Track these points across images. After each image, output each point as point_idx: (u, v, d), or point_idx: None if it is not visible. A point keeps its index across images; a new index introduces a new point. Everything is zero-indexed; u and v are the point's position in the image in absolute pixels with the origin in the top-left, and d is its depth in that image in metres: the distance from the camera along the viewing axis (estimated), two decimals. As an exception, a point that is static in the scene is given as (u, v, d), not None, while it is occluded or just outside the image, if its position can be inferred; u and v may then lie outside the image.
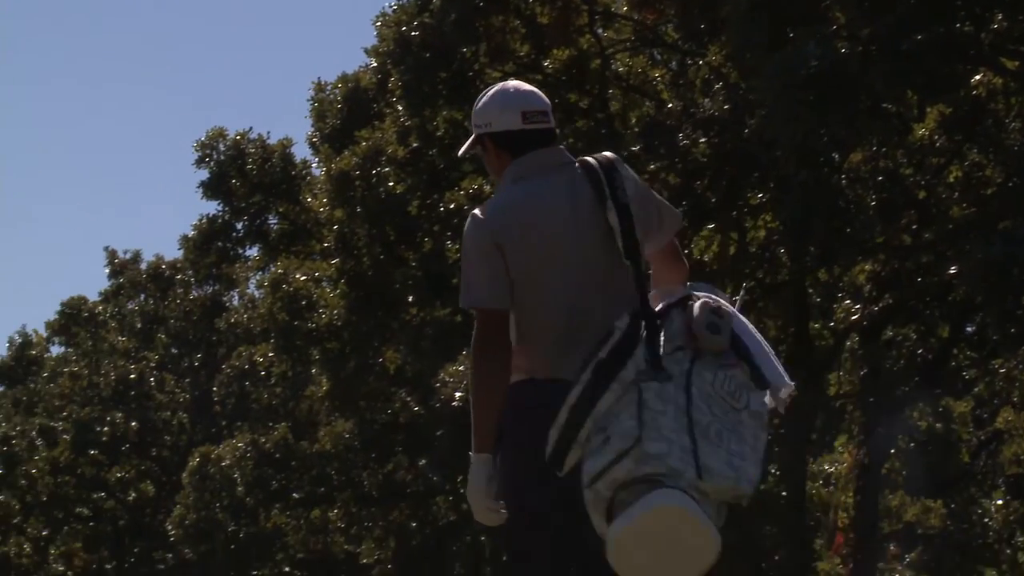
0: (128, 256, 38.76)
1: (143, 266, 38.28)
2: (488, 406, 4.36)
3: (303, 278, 26.15)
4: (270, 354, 28.97)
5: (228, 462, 29.72)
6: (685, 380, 4.11)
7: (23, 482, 37.60)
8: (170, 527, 31.22)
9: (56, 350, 41.09)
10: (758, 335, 4.32)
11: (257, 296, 32.89)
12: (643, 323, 4.19)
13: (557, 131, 4.70)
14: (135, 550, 35.84)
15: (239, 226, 30.09)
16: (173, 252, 36.72)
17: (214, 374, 34.74)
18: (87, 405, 36.03)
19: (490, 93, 4.65)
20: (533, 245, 4.41)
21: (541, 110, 4.64)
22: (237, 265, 33.47)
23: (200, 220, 30.94)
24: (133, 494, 36.36)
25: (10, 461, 38.33)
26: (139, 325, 37.54)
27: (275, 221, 29.62)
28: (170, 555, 33.94)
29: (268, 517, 30.26)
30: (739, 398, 4.14)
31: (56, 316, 38.92)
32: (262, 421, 31.50)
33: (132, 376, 35.40)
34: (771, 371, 4.24)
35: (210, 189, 29.45)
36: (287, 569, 30.10)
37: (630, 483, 3.96)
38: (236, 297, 36.60)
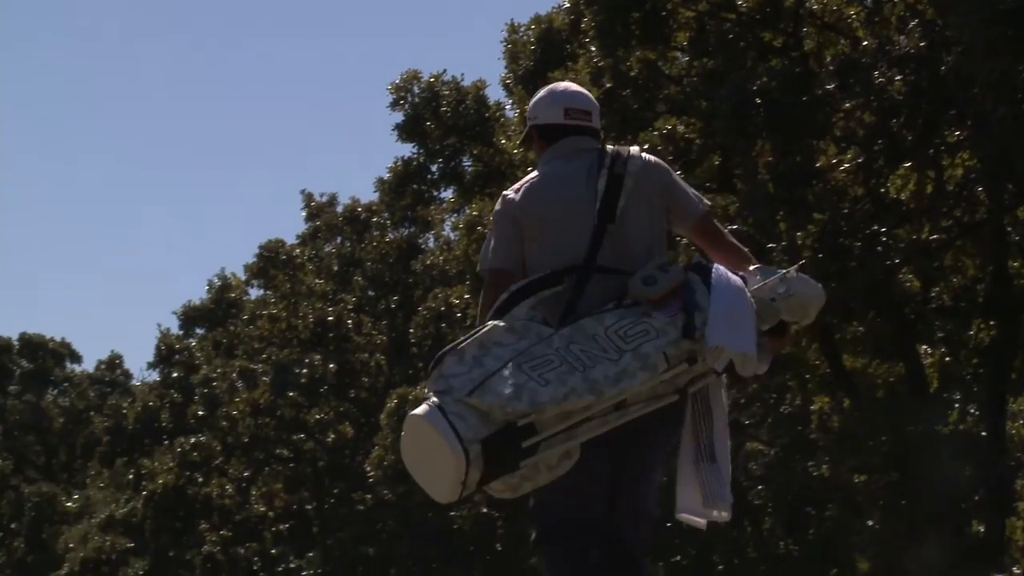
0: (324, 199, 39.71)
1: (339, 209, 39.15)
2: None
3: (496, 219, 27.05)
4: (466, 296, 29.62)
5: (423, 403, 30.79)
6: (568, 325, 4.92)
7: (224, 424, 39.11)
8: (369, 468, 32.01)
9: (255, 292, 42.41)
10: (739, 305, 4.98)
11: (452, 238, 33.45)
12: (575, 276, 5.01)
13: (599, 130, 5.36)
14: (334, 491, 36.89)
15: (434, 168, 30.96)
16: (369, 195, 37.92)
17: (410, 316, 35.42)
18: (286, 347, 37.19)
19: (543, 91, 5.37)
20: (541, 218, 5.14)
21: (584, 109, 5.30)
22: (432, 207, 34.33)
23: (395, 162, 31.95)
24: (332, 435, 37.44)
25: (211, 403, 39.97)
26: (336, 267, 38.36)
27: (469, 163, 30.41)
28: (369, 496, 34.74)
29: (464, 458, 31.25)
30: (630, 342, 4.84)
31: (255, 259, 40.08)
32: (457, 363, 32.29)
33: (330, 318, 36.34)
34: (717, 329, 4.88)
35: (405, 132, 30.38)
36: (484, 510, 30.97)
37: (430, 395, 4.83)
38: (431, 239, 37.16)
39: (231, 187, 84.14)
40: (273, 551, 38.92)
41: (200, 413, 40.37)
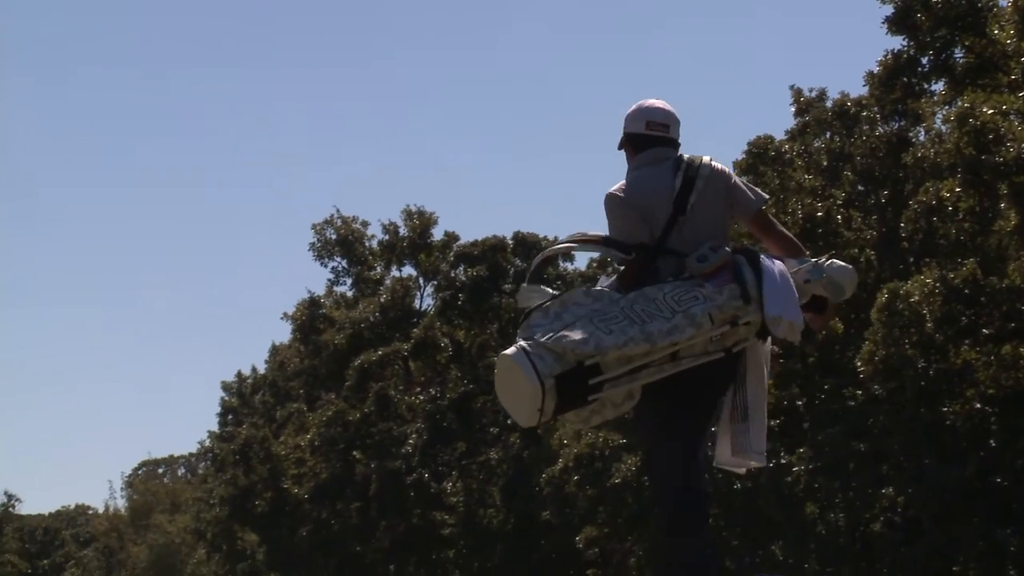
0: (813, 94, 40.32)
1: (828, 104, 39.72)
2: None
3: (990, 112, 27.78)
4: (957, 189, 30.38)
5: (916, 298, 31.05)
6: (634, 292, 6.68)
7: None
8: (859, 363, 33.00)
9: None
10: (789, 288, 6.73)
11: (943, 131, 33.75)
12: (646, 253, 6.87)
13: (677, 140, 7.22)
14: (824, 387, 37.66)
15: (924, 61, 32.09)
16: (858, 89, 38.88)
17: (900, 210, 36.01)
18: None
19: (633, 106, 7.29)
20: (636, 214, 6.99)
21: (663, 123, 7.21)
22: (923, 100, 34.99)
23: (885, 56, 33.42)
24: (823, 333, 38.72)
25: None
26: (825, 163, 39.10)
27: (961, 55, 31.28)
28: (859, 391, 35.49)
29: (957, 353, 31.34)
30: (683, 305, 6.60)
31: (743, 156, 41.49)
32: (949, 256, 32.34)
33: (819, 214, 37.07)
34: (772, 302, 6.64)
35: (895, 24, 31.72)
36: (977, 405, 31.58)
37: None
38: (922, 132, 37.28)
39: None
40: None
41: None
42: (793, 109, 40.89)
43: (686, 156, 7.13)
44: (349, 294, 65.03)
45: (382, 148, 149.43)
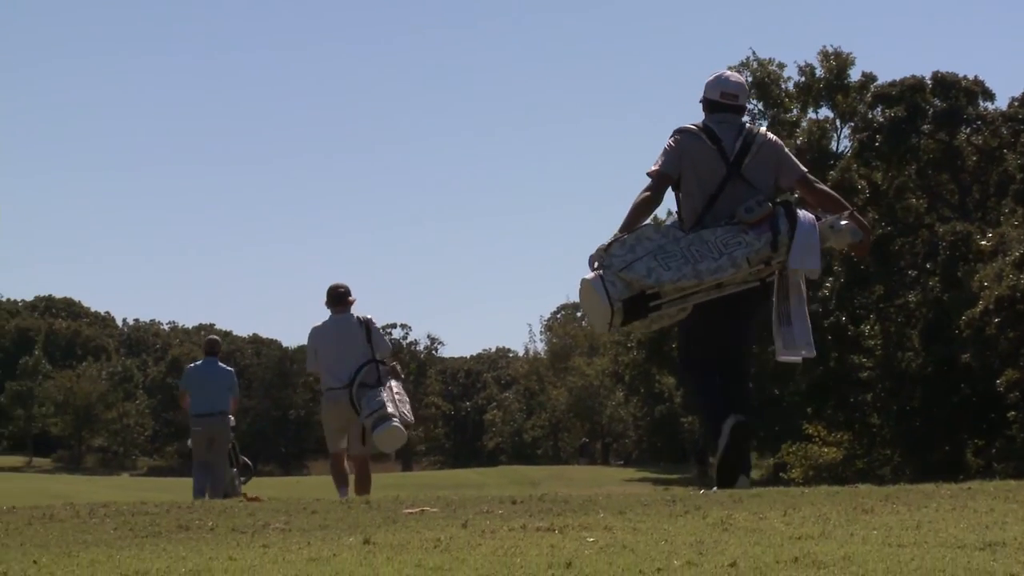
0: None
1: None
2: (632, 221, 9.02)
3: None
4: None
5: None
6: (694, 230, 9.01)
7: None
8: None
9: None
10: (814, 239, 9.01)
11: None
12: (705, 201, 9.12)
13: (745, 106, 9.46)
14: None
15: None
16: None
17: None
18: None
19: (711, 76, 9.43)
20: (696, 158, 9.21)
21: (734, 93, 9.39)
22: None
23: None
24: None
25: None
26: None
27: None
28: None
29: None
30: (728, 248, 8.87)
31: None
32: None
33: None
34: (797, 250, 8.95)
35: None
36: None
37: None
38: None
39: None
40: None
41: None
42: None
43: (748, 125, 9.41)
44: (765, 137, 66.92)
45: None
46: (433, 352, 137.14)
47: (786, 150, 9.50)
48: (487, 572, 5.59)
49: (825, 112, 66.06)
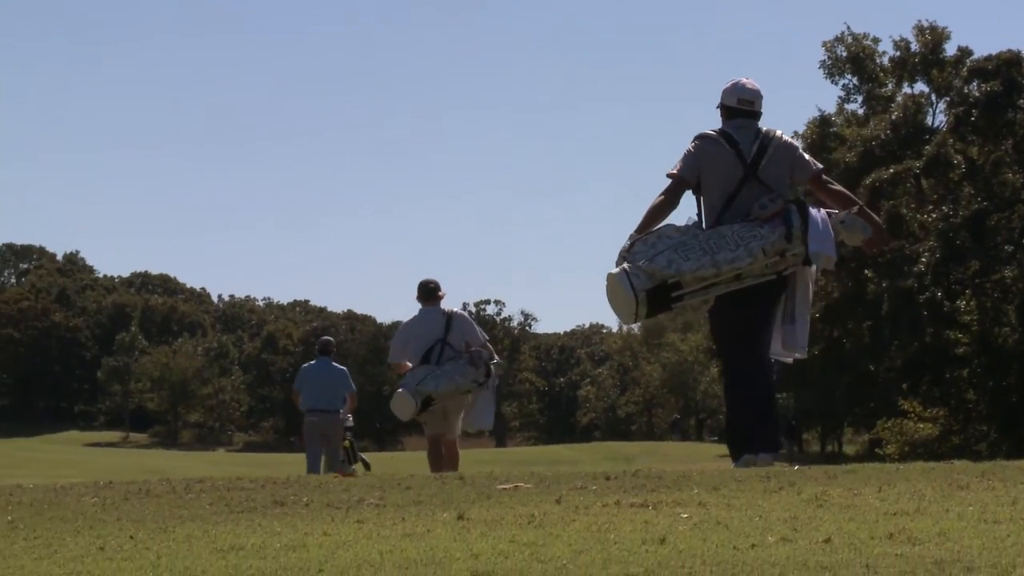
0: None
1: None
2: (647, 224, 9.54)
3: None
4: None
5: None
6: (712, 228, 9.58)
7: None
8: None
9: None
10: (828, 231, 9.57)
11: None
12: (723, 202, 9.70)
13: (760, 111, 9.93)
14: None
15: None
16: None
17: None
18: None
19: (728, 83, 10.01)
20: (714, 164, 9.73)
21: (750, 100, 9.94)
22: None
23: None
24: None
25: None
26: None
27: None
28: None
29: None
30: (744, 240, 9.45)
31: None
32: None
33: None
34: (813, 241, 9.52)
35: None
36: None
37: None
38: None
39: None
40: None
41: None
42: None
43: (763, 129, 9.95)
44: (860, 112, 66.71)
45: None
46: (527, 328, 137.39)
47: (800, 151, 10.08)
48: (581, 548, 5.61)
49: (920, 87, 65.69)
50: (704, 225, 9.71)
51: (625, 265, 9.43)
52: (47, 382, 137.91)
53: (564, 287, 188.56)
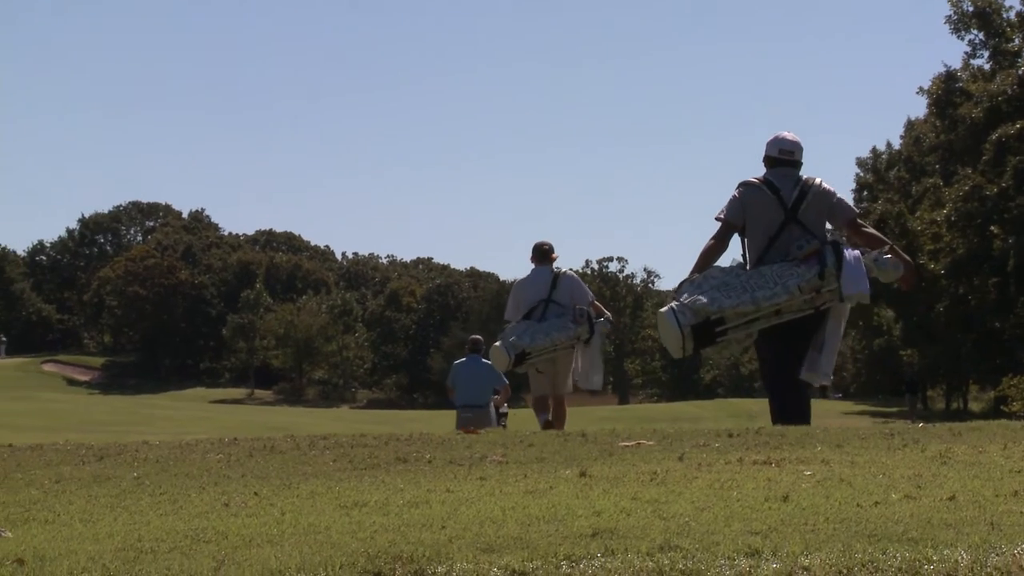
0: None
1: None
2: (702, 265, 10.47)
3: None
4: None
5: None
6: (755, 267, 10.43)
7: None
8: None
9: None
10: (861, 268, 10.38)
11: None
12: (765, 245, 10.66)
13: (800, 161, 10.91)
14: None
15: None
16: None
17: None
18: None
19: (772, 137, 10.98)
20: (758, 211, 10.66)
21: (790, 151, 10.94)
22: None
23: None
24: None
25: None
26: None
27: None
28: None
29: None
30: (783, 278, 10.33)
31: None
32: None
33: None
34: (847, 280, 10.34)
35: None
36: None
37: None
38: None
39: None
40: None
41: None
42: None
43: (804, 177, 10.90)
44: (986, 67, 65.65)
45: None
46: (650, 285, 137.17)
47: (837, 196, 10.96)
48: (704, 505, 5.61)
49: (1049, 40, 64.37)
50: (748, 264, 10.76)
51: (673, 304, 10.39)
52: (173, 339, 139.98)
53: (688, 244, 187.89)
